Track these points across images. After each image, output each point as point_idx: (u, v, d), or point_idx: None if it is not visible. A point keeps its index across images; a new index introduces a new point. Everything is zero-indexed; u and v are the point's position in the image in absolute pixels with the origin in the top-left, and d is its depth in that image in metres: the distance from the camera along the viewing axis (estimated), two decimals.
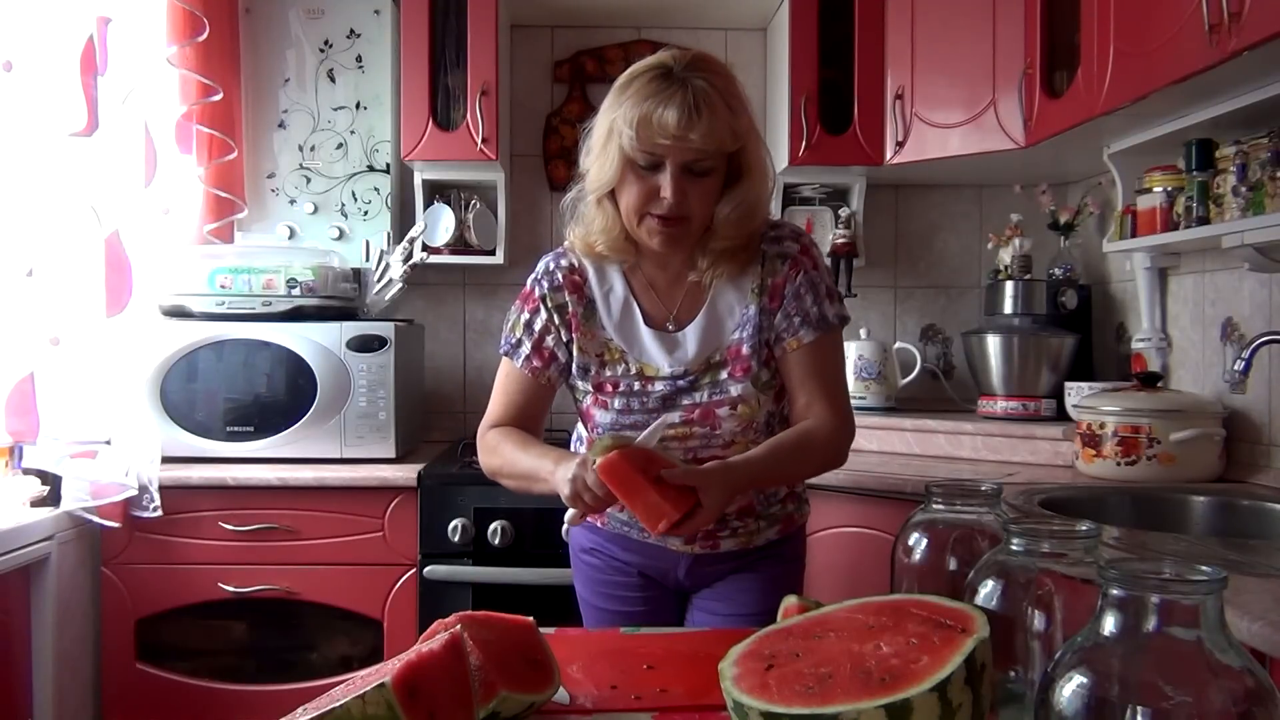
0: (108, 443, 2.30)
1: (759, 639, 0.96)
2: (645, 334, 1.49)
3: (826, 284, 1.49)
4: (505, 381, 1.55)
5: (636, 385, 1.48)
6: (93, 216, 2.25)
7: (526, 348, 1.52)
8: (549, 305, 1.51)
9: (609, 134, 1.38)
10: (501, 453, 1.48)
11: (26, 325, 2.19)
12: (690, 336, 1.48)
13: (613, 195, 1.43)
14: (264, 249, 2.66)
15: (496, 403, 1.55)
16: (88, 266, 2.28)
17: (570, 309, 1.51)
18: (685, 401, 1.47)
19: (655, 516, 1.25)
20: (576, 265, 1.53)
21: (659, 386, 1.47)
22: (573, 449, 1.64)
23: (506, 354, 1.55)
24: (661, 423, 1.37)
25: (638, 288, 1.51)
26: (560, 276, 1.52)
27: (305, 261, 2.57)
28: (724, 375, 1.47)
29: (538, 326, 1.52)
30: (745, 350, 1.46)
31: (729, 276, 1.47)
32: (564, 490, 1.31)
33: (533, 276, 1.55)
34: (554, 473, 1.34)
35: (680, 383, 1.47)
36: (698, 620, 1.57)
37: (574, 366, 1.51)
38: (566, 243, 1.54)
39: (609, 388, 1.49)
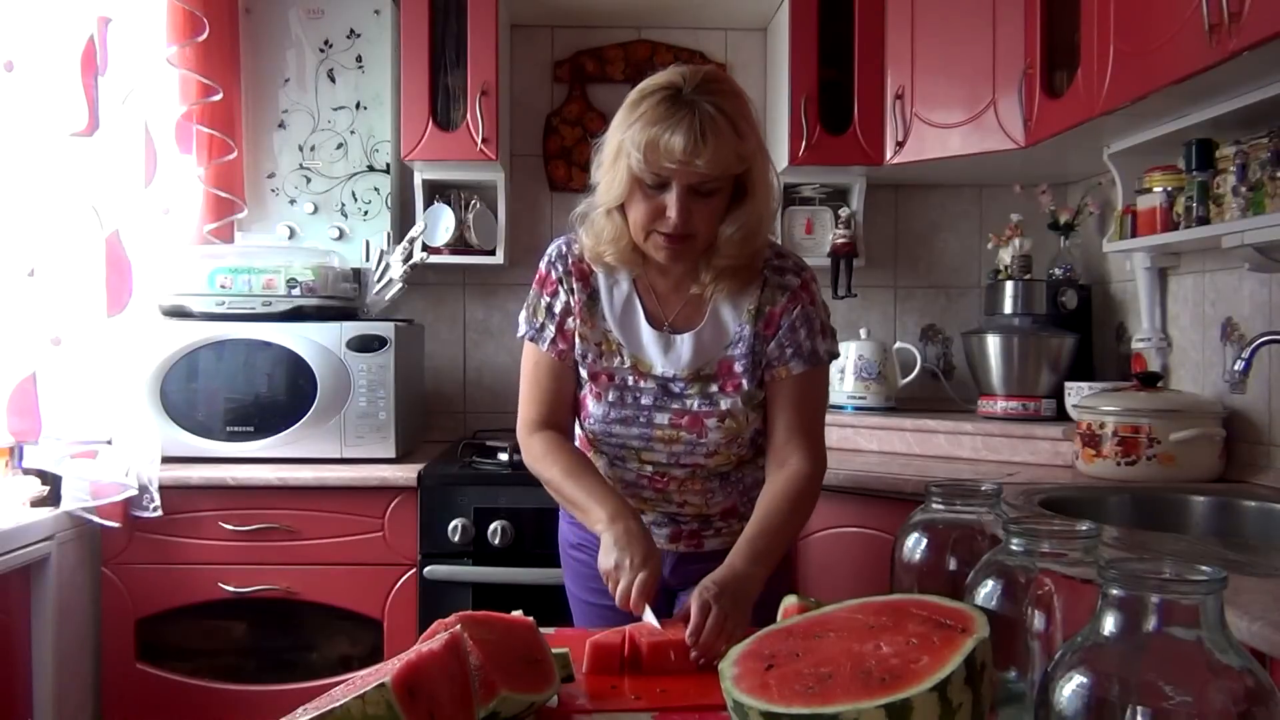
0: (108, 442, 2.30)
1: (759, 639, 0.96)
2: (645, 331, 1.51)
3: (822, 319, 1.53)
4: (534, 369, 1.56)
5: (630, 380, 1.50)
6: (93, 216, 2.25)
7: (551, 331, 1.54)
8: (565, 287, 1.53)
9: (618, 152, 1.39)
10: (551, 470, 1.50)
11: (28, 325, 2.19)
12: (686, 343, 1.50)
13: (622, 208, 1.45)
14: (264, 249, 2.66)
15: (530, 396, 1.56)
16: (88, 266, 2.28)
17: (576, 295, 1.53)
18: (674, 406, 1.49)
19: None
20: (585, 257, 1.54)
21: (650, 384, 1.50)
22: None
23: (531, 339, 1.56)
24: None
25: (641, 289, 1.54)
26: (570, 261, 1.54)
27: (305, 261, 2.57)
28: (714, 388, 1.49)
29: (558, 309, 1.54)
30: (737, 368, 1.49)
31: (729, 292, 1.50)
32: (602, 568, 1.35)
33: (546, 259, 1.57)
34: (601, 535, 1.38)
35: (672, 386, 1.49)
36: None
37: (575, 352, 1.53)
38: (580, 237, 1.55)
39: (604, 379, 1.52)
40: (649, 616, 1.28)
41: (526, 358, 1.58)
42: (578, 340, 1.53)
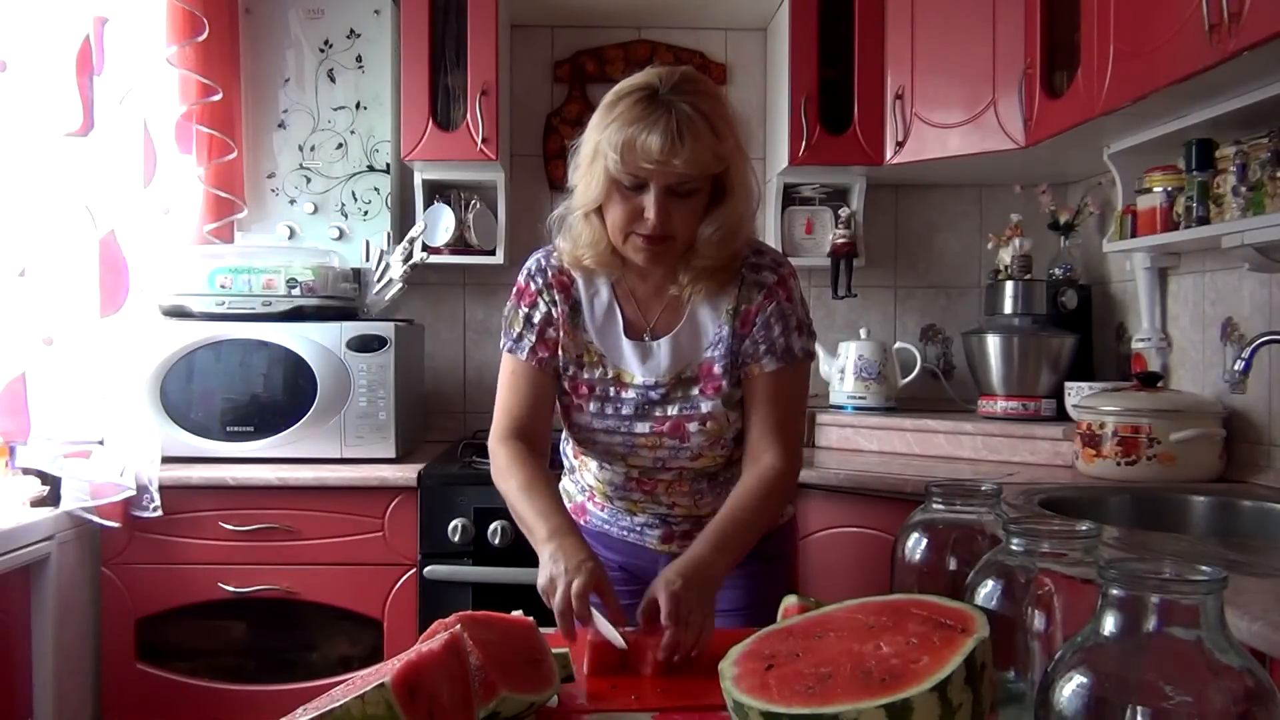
0: (101, 443, 2.29)
1: (759, 639, 0.95)
2: (624, 342, 1.50)
3: (798, 316, 1.50)
4: (511, 379, 1.55)
5: (611, 390, 1.50)
6: (87, 217, 2.25)
7: (530, 339, 1.52)
8: (545, 298, 1.52)
9: (595, 154, 1.38)
10: (508, 484, 1.46)
11: (19, 325, 2.18)
12: (664, 349, 1.49)
13: (600, 211, 1.43)
14: (264, 249, 2.66)
15: (505, 404, 1.54)
16: (82, 267, 2.27)
17: (559, 306, 1.52)
18: (655, 414, 1.48)
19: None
20: (565, 266, 1.54)
21: (631, 394, 1.49)
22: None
23: (510, 350, 1.55)
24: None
25: (620, 296, 1.53)
26: (550, 274, 1.53)
27: (305, 261, 2.57)
28: (695, 391, 1.48)
29: (538, 318, 1.52)
30: (717, 370, 1.48)
31: (707, 294, 1.48)
32: (539, 589, 1.30)
33: (525, 272, 1.56)
34: (540, 551, 1.33)
35: (652, 394, 1.48)
36: None
37: (558, 361, 1.52)
38: (556, 244, 1.55)
39: (584, 389, 1.51)
40: (599, 620, 1.23)
41: (503, 368, 1.56)
42: (560, 352, 1.51)
